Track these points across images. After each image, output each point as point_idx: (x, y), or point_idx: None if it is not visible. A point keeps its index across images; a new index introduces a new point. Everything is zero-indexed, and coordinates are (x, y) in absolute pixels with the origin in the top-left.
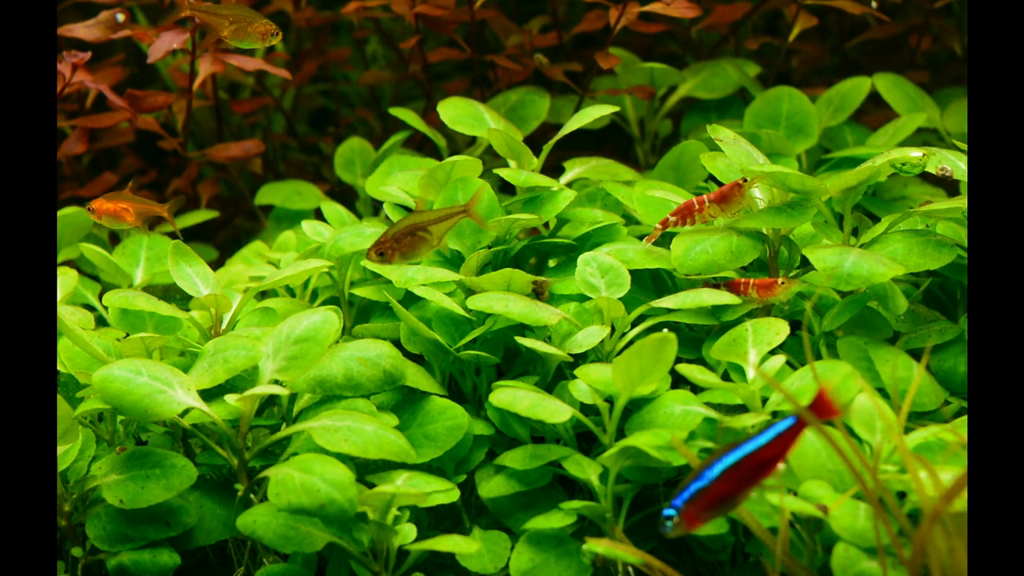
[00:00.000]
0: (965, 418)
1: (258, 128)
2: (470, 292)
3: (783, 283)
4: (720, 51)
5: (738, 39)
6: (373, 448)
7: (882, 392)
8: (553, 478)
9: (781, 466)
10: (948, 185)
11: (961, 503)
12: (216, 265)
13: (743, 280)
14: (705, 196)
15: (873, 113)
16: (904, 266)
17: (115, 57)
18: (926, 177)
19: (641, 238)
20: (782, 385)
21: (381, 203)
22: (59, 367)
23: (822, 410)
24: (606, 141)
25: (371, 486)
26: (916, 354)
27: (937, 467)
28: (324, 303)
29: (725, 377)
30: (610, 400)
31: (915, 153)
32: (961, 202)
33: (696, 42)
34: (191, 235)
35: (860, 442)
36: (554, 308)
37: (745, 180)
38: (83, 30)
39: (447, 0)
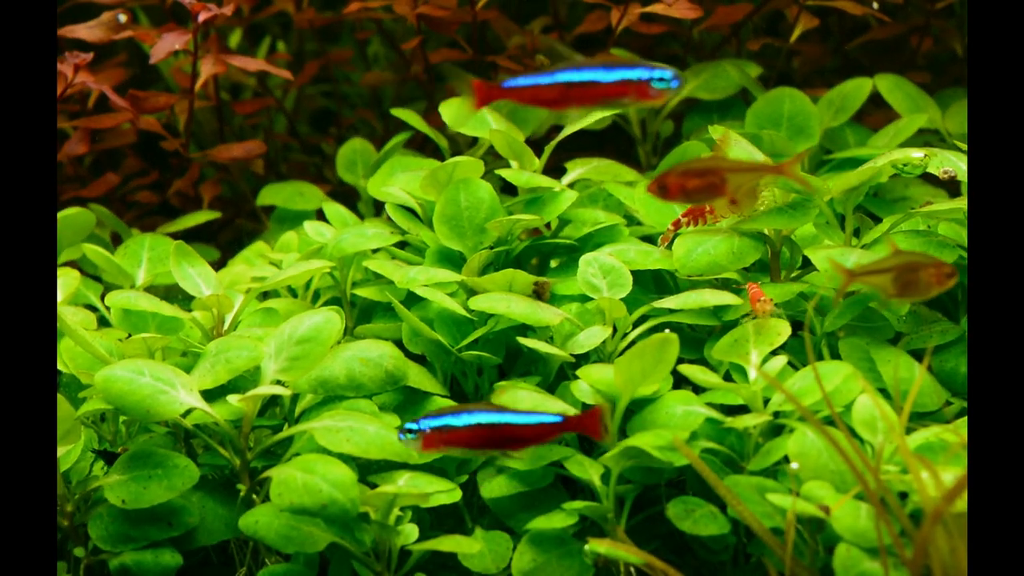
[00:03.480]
0: (966, 418)
1: (260, 129)
2: (472, 293)
3: (764, 301)
4: (722, 52)
5: (739, 40)
6: (375, 448)
7: (884, 393)
8: (555, 478)
9: (795, 466)
10: (949, 186)
11: (962, 503)
12: (218, 266)
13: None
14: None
15: (874, 114)
16: None
17: (117, 58)
18: (928, 178)
19: (643, 239)
20: (784, 385)
21: (383, 204)
22: (61, 367)
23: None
24: (607, 142)
25: (373, 486)
26: (918, 355)
27: (939, 467)
28: (326, 304)
29: (727, 378)
30: (612, 400)
31: (917, 154)
32: (962, 203)
33: (698, 43)
34: (193, 236)
35: (862, 443)
36: (556, 308)
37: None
38: (85, 31)
39: (449, 1)
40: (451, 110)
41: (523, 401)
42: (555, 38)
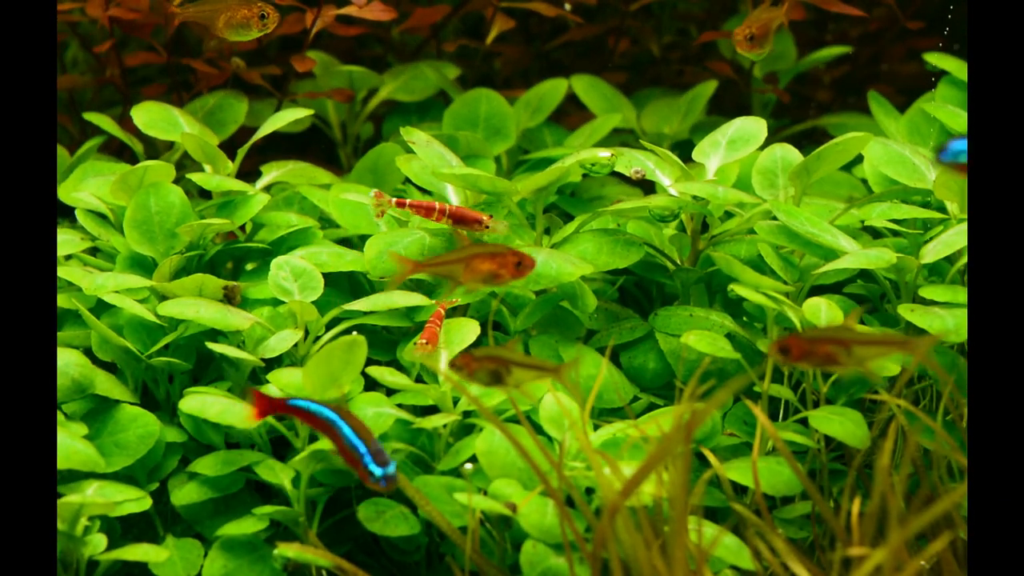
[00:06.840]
0: (651, 414)
1: None
2: (164, 298)
3: (422, 345)
4: (423, 53)
5: (439, 41)
6: (61, 458)
7: None
8: (248, 484)
9: (469, 466)
10: (645, 185)
11: (646, 497)
12: None
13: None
14: (448, 207)
15: (573, 114)
16: (593, 265)
17: None
18: (625, 177)
19: (340, 241)
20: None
21: (73, 209)
22: None
23: None
24: (311, 145)
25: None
26: (613, 351)
27: (622, 462)
28: None
29: (421, 379)
30: None
31: (603, 153)
32: (648, 201)
33: (400, 44)
34: None
35: (551, 440)
36: (246, 313)
37: (491, 218)
38: None
39: (141, 3)
40: (143, 114)
41: (212, 407)
42: (253, 41)
